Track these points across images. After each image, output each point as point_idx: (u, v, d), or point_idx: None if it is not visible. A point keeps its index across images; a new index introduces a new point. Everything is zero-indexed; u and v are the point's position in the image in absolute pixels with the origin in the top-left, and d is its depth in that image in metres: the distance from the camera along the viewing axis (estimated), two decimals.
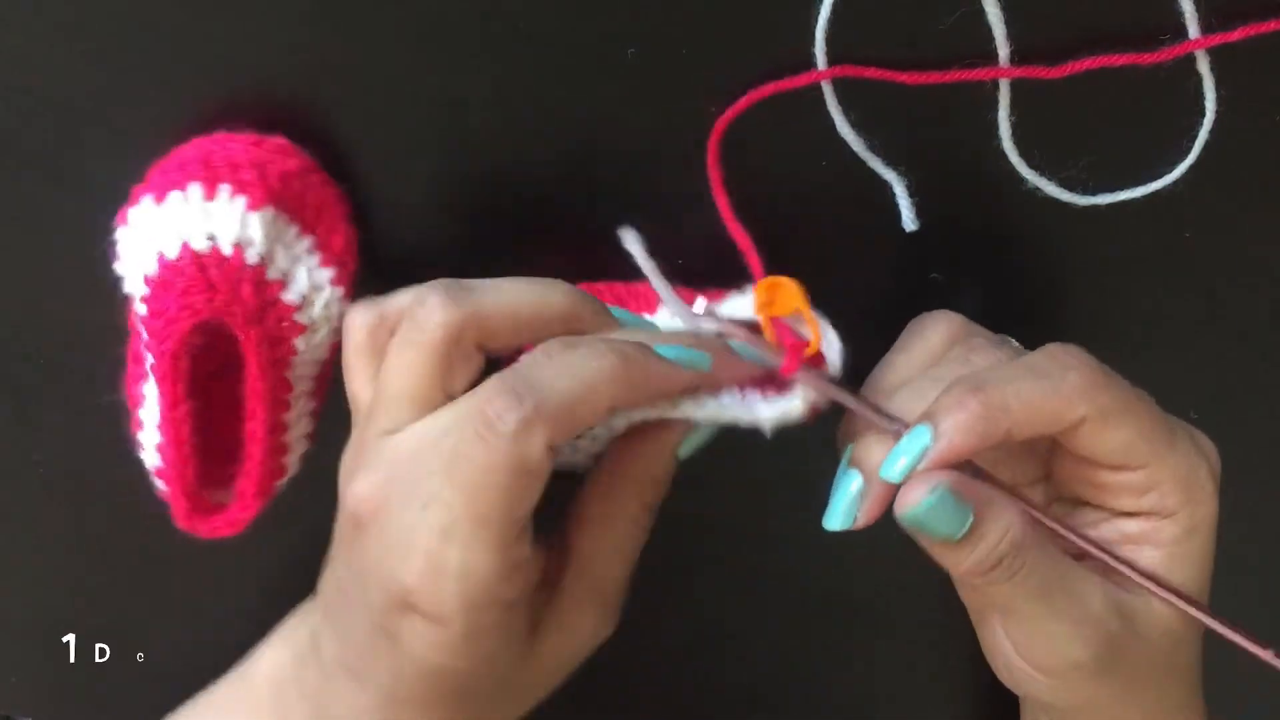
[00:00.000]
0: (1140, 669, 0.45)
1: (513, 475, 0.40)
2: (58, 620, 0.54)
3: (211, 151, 0.49)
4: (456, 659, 0.43)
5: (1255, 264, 0.55)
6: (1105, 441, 0.43)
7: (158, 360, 0.47)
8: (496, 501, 0.41)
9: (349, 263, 0.51)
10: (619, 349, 0.42)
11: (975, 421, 0.41)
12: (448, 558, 0.41)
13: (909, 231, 0.52)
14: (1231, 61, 0.50)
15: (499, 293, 0.44)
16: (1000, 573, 0.43)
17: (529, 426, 0.40)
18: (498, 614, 0.42)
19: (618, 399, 0.42)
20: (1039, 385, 0.42)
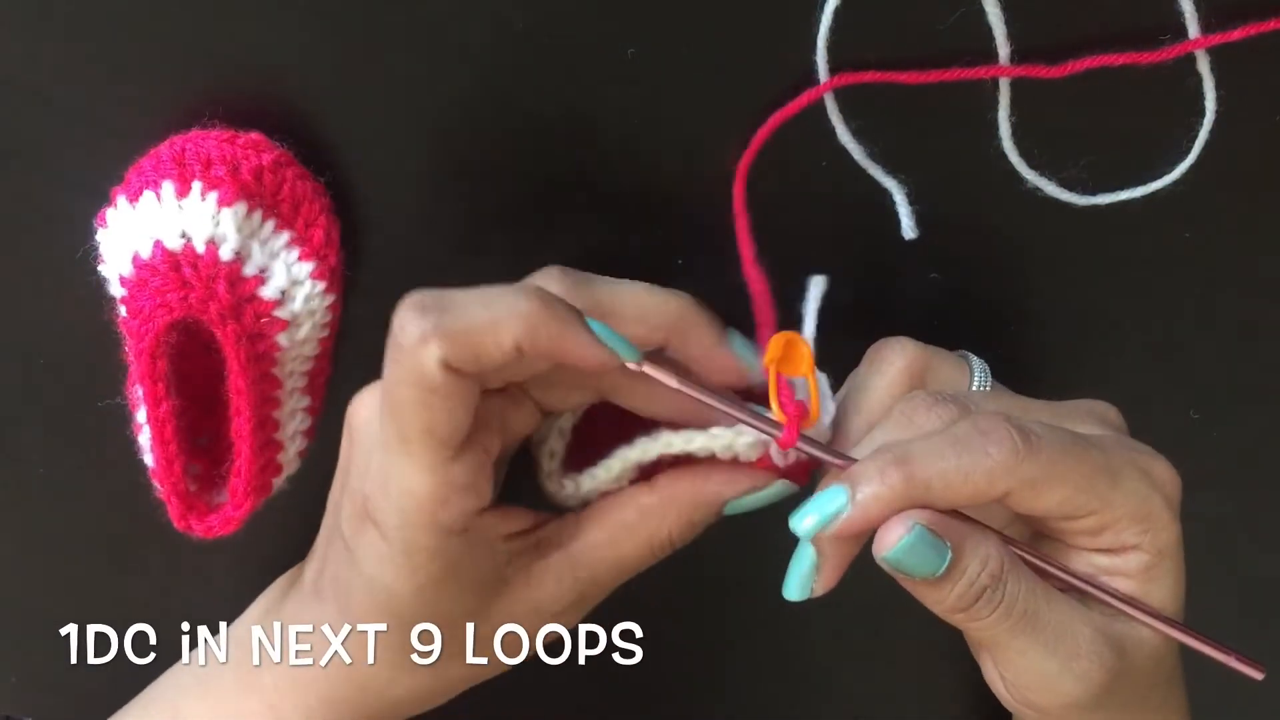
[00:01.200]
0: (1133, 697, 0.45)
1: (414, 389, 0.41)
2: (58, 620, 0.53)
3: (185, 149, 0.49)
4: (398, 578, 0.44)
5: (1255, 264, 0.55)
6: (1039, 503, 0.42)
7: (136, 360, 0.48)
8: (409, 418, 0.42)
9: (330, 256, 0.51)
10: (545, 297, 0.42)
11: (893, 495, 0.41)
12: (387, 471, 0.43)
13: (908, 239, 0.52)
14: (1231, 61, 0.50)
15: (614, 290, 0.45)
16: (983, 607, 0.43)
17: (424, 339, 0.41)
18: (436, 537, 0.43)
19: (523, 340, 0.41)
20: (960, 463, 0.41)
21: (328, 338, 0.52)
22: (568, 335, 0.42)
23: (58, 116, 0.51)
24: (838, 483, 0.42)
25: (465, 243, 0.53)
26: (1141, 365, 0.57)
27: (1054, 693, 0.44)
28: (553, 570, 0.46)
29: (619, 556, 0.46)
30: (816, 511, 0.42)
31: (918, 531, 0.41)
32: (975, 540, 0.42)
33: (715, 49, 0.50)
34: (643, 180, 0.52)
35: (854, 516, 0.42)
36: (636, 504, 0.46)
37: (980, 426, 0.42)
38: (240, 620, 0.52)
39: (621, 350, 0.43)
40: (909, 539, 0.41)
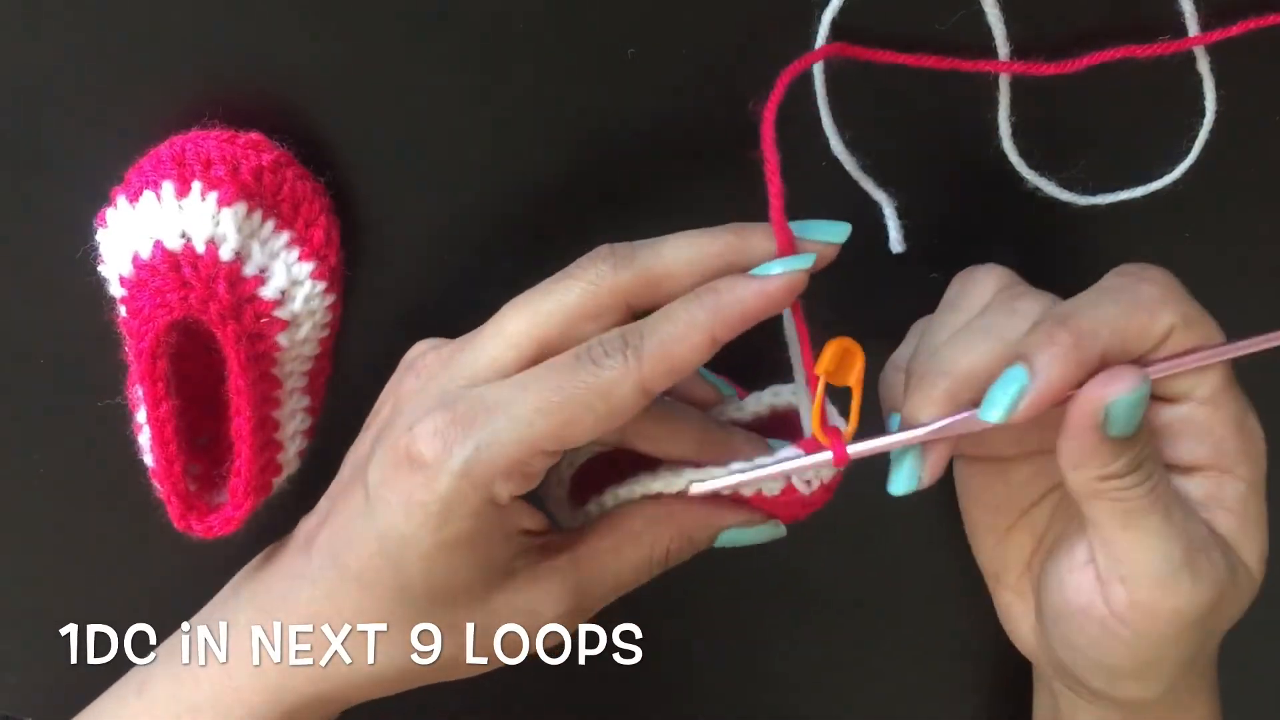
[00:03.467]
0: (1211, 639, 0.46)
1: (595, 399, 0.42)
2: (58, 621, 0.54)
3: (185, 149, 0.49)
4: (423, 528, 0.43)
5: (1255, 264, 0.55)
6: (1191, 338, 0.43)
7: (136, 360, 0.48)
8: (564, 412, 0.42)
9: (330, 256, 0.51)
10: (713, 285, 0.43)
11: (1069, 353, 0.41)
12: (481, 423, 0.42)
13: (896, 253, 0.52)
14: (1231, 61, 0.50)
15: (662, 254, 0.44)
16: (1142, 474, 0.42)
17: (626, 368, 0.42)
18: (481, 502, 0.43)
19: (718, 333, 0.42)
20: (1121, 305, 0.42)
21: (328, 338, 0.52)
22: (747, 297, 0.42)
23: (58, 116, 0.51)
24: (1015, 363, 0.41)
25: (465, 243, 0.53)
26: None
27: (1168, 590, 0.43)
28: (557, 571, 0.46)
29: (619, 565, 0.46)
30: (1003, 394, 0.41)
31: (1148, 385, 0.41)
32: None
33: (715, 49, 0.50)
34: (643, 180, 0.52)
35: (1039, 385, 0.41)
36: (644, 514, 0.47)
37: (1125, 271, 0.43)
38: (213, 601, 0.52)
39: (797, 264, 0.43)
40: (1143, 389, 0.41)
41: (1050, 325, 0.42)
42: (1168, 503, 0.43)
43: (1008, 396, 0.41)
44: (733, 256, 0.44)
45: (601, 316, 0.43)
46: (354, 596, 0.46)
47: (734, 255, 0.44)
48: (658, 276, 0.43)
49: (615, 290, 0.43)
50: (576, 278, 0.44)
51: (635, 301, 0.43)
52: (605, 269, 0.43)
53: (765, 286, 0.42)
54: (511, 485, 0.43)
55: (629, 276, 0.43)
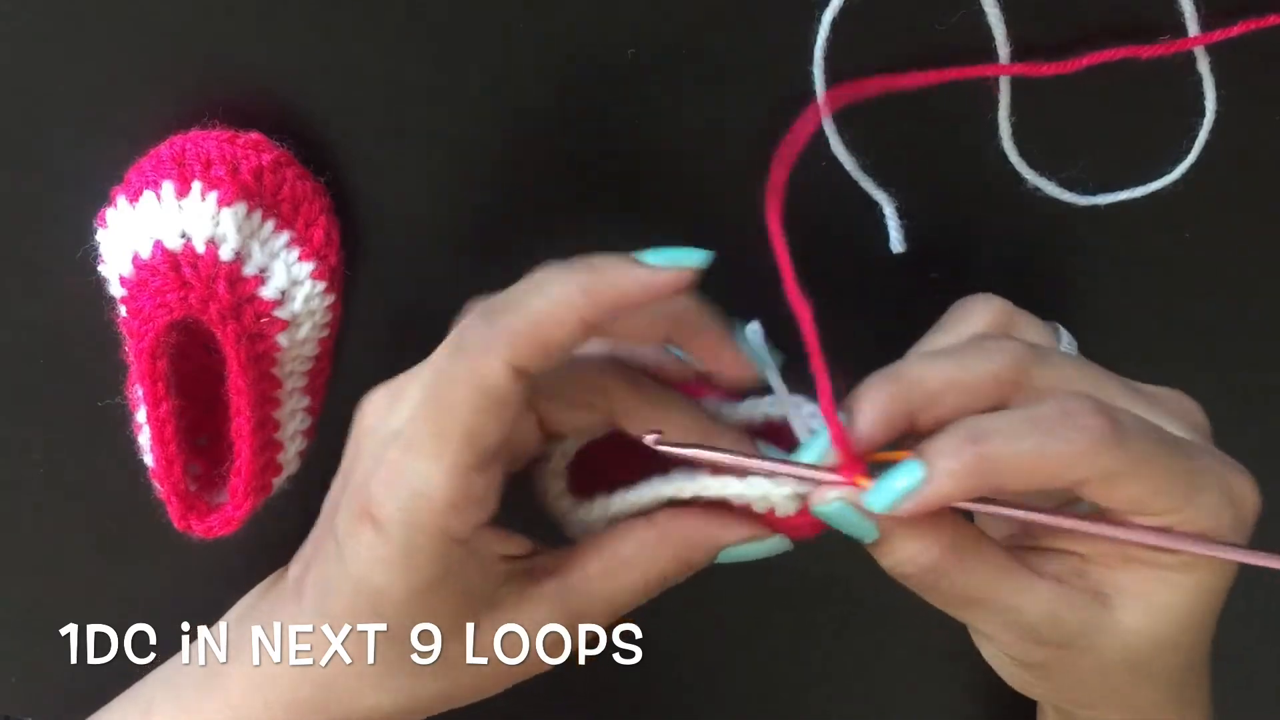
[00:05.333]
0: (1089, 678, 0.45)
1: (473, 392, 0.41)
2: (58, 620, 0.54)
3: (185, 149, 0.49)
4: (392, 580, 0.42)
5: (1255, 264, 0.55)
6: (1111, 496, 0.41)
7: (136, 360, 0.48)
8: (456, 419, 0.41)
9: (330, 256, 0.51)
10: (588, 262, 0.42)
11: (969, 474, 0.40)
12: (404, 468, 0.41)
13: (896, 253, 0.52)
14: (1231, 61, 0.50)
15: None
16: (914, 586, 0.43)
17: (492, 343, 0.41)
18: (439, 544, 0.42)
19: (588, 313, 0.41)
20: (1041, 445, 0.40)
21: (328, 338, 0.52)
22: (623, 280, 0.41)
23: (58, 116, 0.51)
24: (914, 458, 0.41)
25: (465, 243, 0.53)
26: (1141, 365, 0.57)
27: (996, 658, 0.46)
28: (546, 598, 0.45)
29: (613, 590, 0.45)
30: (894, 486, 0.41)
31: (837, 506, 0.42)
32: (905, 535, 0.42)
33: (715, 49, 0.50)
34: (643, 180, 0.52)
35: (925, 494, 0.41)
36: (636, 538, 0.45)
37: (1066, 408, 0.41)
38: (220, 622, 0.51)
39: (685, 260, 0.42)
40: (829, 508, 0.42)
41: (960, 439, 0.41)
42: (969, 599, 0.43)
43: (893, 492, 0.41)
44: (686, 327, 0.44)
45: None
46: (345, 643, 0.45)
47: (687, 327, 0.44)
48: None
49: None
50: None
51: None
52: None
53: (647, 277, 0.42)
54: (465, 517, 0.42)
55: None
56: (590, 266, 0.41)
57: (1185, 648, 0.45)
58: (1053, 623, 0.43)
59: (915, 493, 0.41)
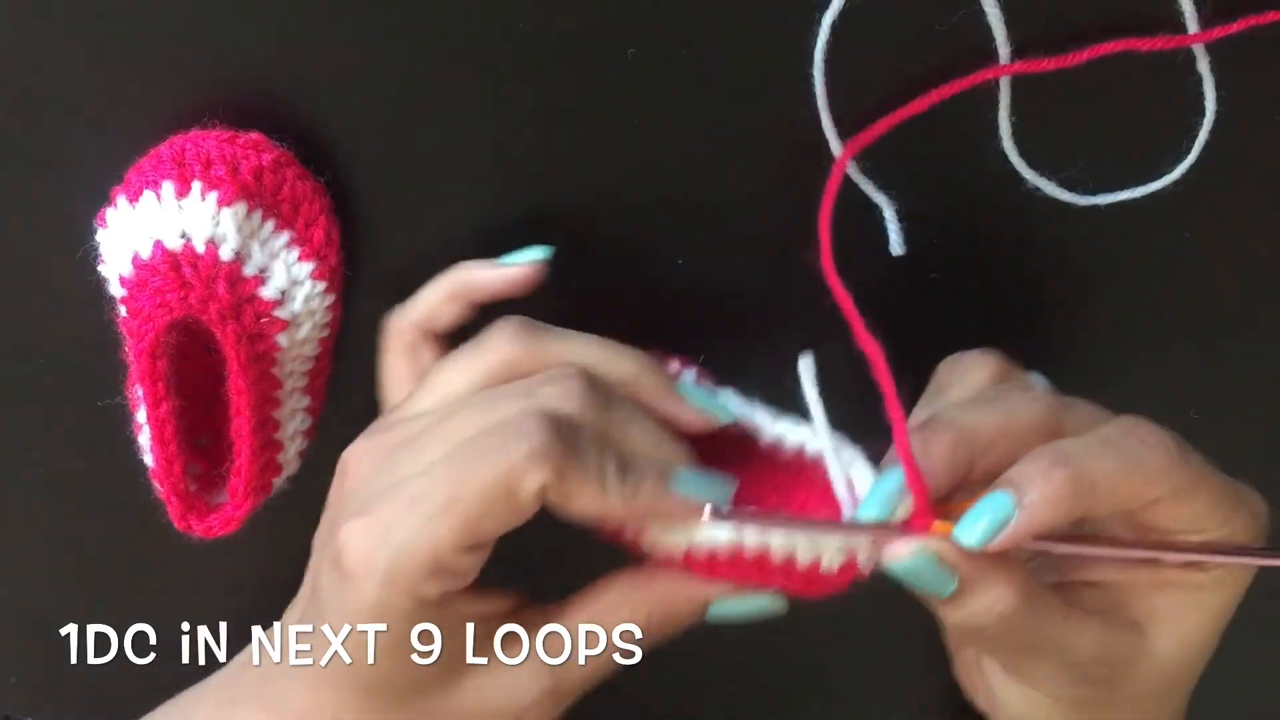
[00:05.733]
0: (1123, 704, 0.45)
1: (498, 493, 0.41)
2: (58, 620, 0.54)
3: (185, 149, 0.49)
4: (365, 638, 0.43)
5: (1255, 264, 0.55)
6: (1175, 516, 0.42)
7: (136, 360, 0.48)
8: (472, 508, 0.41)
9: (330, 256, 0.51)
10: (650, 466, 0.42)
11: (1062, 497, 0.40)
12: (396, 522, 0.41)
13: (896, 255, 0.52)
14: (1231, 61, 0.50)
15: (568, 345, 0.45)
16: (983, 640, 0.43)
17: (541, 462, 0.41)
18: (408, 603, 0.42)
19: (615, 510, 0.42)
20: (1122, 463, 0.41)
21: (328, 338, 0.52)
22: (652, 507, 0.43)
23: (58, 116, 0.51)
24: (1001, 488, 0.40)
25: (465, 243, 0.53)
26: (1142, 365, 0.57)
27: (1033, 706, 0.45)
28: (530, 660, 0.45)
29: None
30: (985, 519, 0.40)
31: (922, 558, 0.41)
32: (988, 580, 0.42)
33: (715, 49, 0.50)
34: (643, 180, 0.52)
35: (1022, 521, 0.40)
36: (619, 586, 0.45)
37: (1129, 429, 0.42)
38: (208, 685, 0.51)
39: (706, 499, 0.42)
40: (911, 562, 0.41)
41: (1048, 463, 0.41)
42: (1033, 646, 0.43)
43: (991, 521, 0.40)
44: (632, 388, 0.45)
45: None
46: (330, 695, 0.45)
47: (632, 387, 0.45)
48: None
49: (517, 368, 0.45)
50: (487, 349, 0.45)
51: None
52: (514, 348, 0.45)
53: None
54: (439, 585, 0.42)
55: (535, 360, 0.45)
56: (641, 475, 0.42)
57: (1203, 662, 0.46)
58: (1103, 660, 0.43)
59: (1009, 523, 0.40)
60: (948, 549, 0.41)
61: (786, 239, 0.51)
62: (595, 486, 0.41)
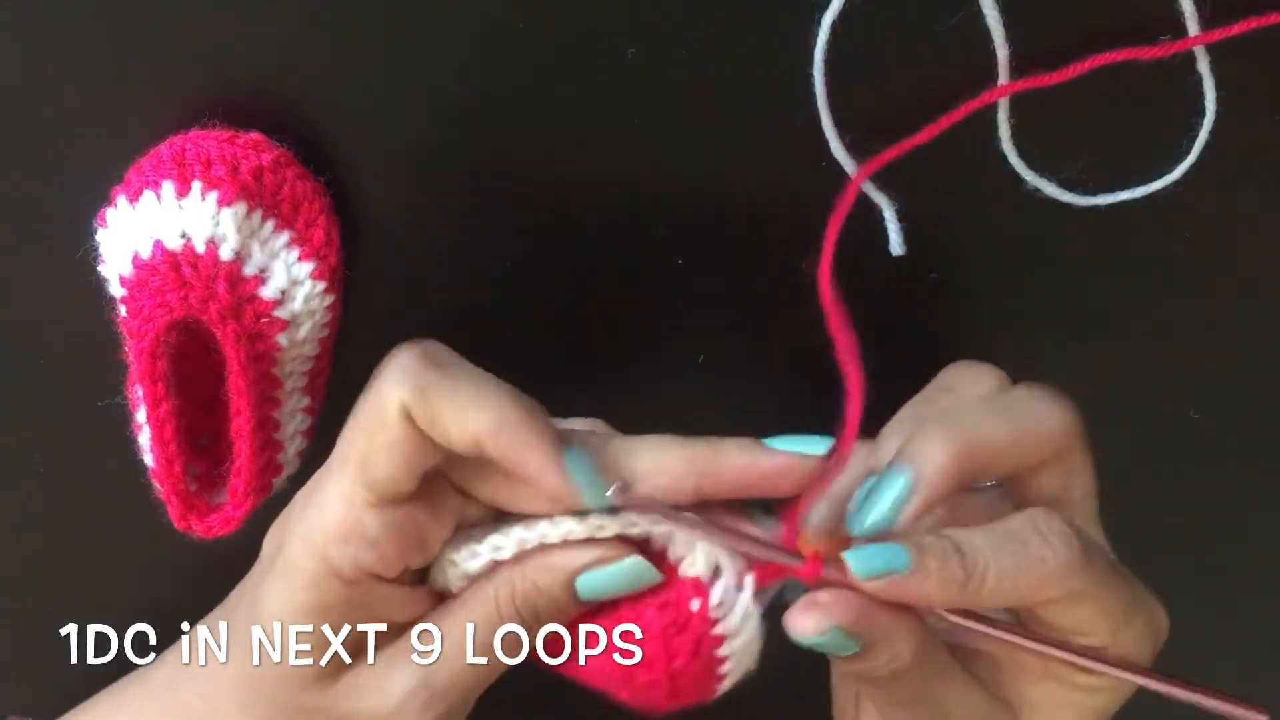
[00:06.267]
0: None
1: (370, 419, 0.41)
2: (58, 621, 0.54)
3: (185, 149, 0.49)
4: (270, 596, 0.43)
5: (1255, 264, 0.55)
6: (1065, 618, 0.41)
7: (136, 360, 0.48)
8: (352, 442, 0.42)
9: (330, 256, 0.51)
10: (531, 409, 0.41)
11: (953, 581, 0.40)
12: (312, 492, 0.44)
13: (896, 255, 0.52)
14: (1231, 61, 0.50)
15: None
16: (874, 687, 0.43)
17: (399, 381, 0.41)
18: (319, 568, 0.42)
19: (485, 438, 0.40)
20: (1019, 562, 0.40)
21: (328, 338, 0.52)
22: (532, 455, 0.41)
23: (58, 116, 0.51)
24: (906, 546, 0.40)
25: (465, 243, 0.53)
26: (1142, 365, 0.57)
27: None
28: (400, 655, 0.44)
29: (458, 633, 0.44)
30: (881, 559, 0.40)
31: (832, 634, 0.40)
32: (890, 636, 0.41)
33: (715, 49, 0.50)
34: (643, 180, 0.52)
35: (908, 584, 0.40)
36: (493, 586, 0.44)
37: (1040, 526, 0.41)
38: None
39: (586, 491, 0.41)
40: (822, 639, 0.40)
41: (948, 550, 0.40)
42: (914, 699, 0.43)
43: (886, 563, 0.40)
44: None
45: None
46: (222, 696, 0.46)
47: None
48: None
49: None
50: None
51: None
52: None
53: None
54: (350, 552, 0.42)
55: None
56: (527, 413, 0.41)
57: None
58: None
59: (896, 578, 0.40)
60: (853, 619, 0.40)
61: (786, 239, 0.51)
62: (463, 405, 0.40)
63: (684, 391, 0.56)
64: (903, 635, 0.41)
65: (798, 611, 0.41)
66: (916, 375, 0.49)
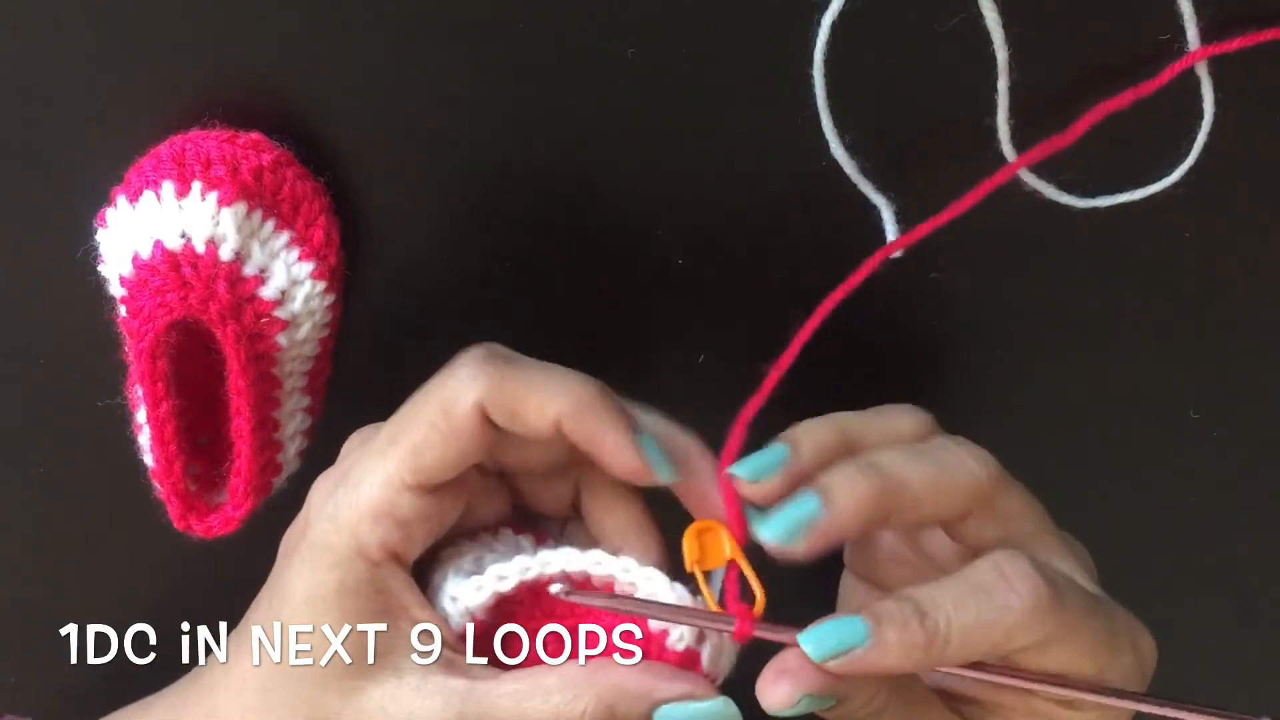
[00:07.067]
0: None
1: (435, 410, 0.42)
2: (58, 620, 0.54)
3: (185, 149, 0.49)
4: (295, 582, 0.43)
5: (1255, 264, 0.55)
6: (1043, 661, 0.41)
7: (136, 360, 0.48)
8: (409, 430, 0.42)
9: (330, 256, 0.51)
10: (603, 391, 0.43)
11: (914, 648, 0.39)
12: (349, 470, 0.44)
13: (894, 257, 0.52)
14: (1230, 63, 0.50)
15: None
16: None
17: (473, 376, 0.42)
18: (344, 550, 0.42)
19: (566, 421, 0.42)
20: (982, 613, 0.39)
21: (328, 338, 0.52)
22: (608, 434, 0.42)
23: (58, 116, 0.51)
24: (859, 615, 0.40)
25: (465, 243, 0.53)
26: (1142, 365, 0.57)
27: None
28: (448, 693, 0.43)
29: (516, 715, 0.42)
30: (835, 638, 0.40)
31: (804, 703, 0.40)
32: (863, 688, 0.41)
33: (715, 49, 0.50)
34: (643, 180, 0.52)
35: (872, 658, 0.39)
36: (561, 671, 0.43)
37: (1004, 571, 0.40)
38: None
39: (658, 468, 0.43)
40: (794, 709, 0.40)
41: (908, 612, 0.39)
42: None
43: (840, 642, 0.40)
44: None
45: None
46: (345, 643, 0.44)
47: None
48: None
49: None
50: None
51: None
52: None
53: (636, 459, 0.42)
54: (380, 531, 0.42)
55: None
56: (601, 395, 0.42)
57: None
58: None
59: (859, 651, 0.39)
60: (821, 685, 0.40)
61: (786, 239, 0.51)
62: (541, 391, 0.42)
63: (684, 391, 0.56)
64: (875, 682, 0.41)
65: (767, 682, 0.40)
66: (916, 376, 0.49)
